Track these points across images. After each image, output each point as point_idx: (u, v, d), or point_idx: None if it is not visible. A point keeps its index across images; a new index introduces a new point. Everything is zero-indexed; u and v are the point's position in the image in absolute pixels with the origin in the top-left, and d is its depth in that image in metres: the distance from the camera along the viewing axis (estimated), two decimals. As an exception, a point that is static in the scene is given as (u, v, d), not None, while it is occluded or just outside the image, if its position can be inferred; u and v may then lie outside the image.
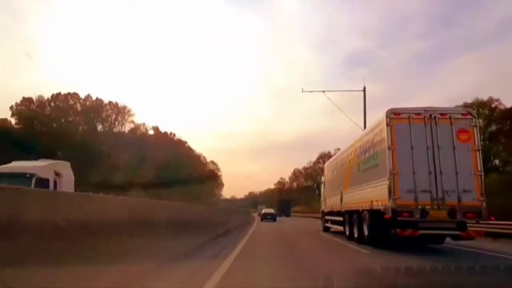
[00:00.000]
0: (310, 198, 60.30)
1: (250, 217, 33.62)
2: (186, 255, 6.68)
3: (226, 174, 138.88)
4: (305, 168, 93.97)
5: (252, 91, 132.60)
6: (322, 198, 18.93)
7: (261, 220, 33.83)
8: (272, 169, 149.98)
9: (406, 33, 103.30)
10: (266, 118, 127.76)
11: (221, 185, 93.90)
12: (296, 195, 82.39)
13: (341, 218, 13.68)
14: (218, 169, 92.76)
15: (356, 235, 11.32)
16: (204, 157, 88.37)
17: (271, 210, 38.76)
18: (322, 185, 18.95)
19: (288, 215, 56.35)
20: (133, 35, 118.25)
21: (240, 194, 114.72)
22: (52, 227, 2.89)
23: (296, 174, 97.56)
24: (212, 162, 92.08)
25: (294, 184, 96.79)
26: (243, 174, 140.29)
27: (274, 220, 33.93)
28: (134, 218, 4.68)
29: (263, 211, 38.20)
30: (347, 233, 12.47)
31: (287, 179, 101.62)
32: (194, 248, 7.88)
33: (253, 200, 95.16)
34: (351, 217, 11.90)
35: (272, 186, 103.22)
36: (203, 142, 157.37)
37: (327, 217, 16.92)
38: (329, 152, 79.86)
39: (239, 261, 6.65)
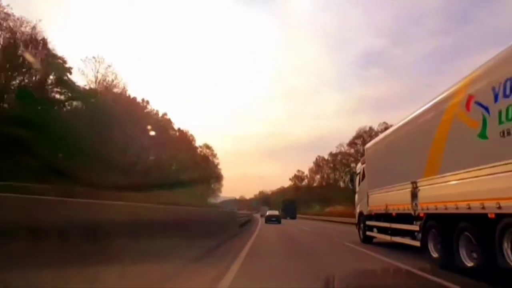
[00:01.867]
0: (342, 195, 47.69)
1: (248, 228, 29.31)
2: None
3: (237, 174, 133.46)
4: (333, 155, 70.39)
5: (264, 91, 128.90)
6: (357, 196, 13.44)
7: (266, 222, 32.28)
8: (284, 170, 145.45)
9: (422, 30, 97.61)
10: (278, 119, 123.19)
11: (220, 178, 71.48)
12: (319, 193, 65.40)
13: (412, 226, 8.22)
14: (215, 156, 70.69)
15: (468, 263, 5.84)
16: (191, 134, 64.49)
17: (276, 212, 37.32)
18: (358, 177, 13.47)
19: (293, 217, 50.93)
20: (144, 34, 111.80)
21: (250, 194, 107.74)
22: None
23: (319, 164, 74.84)
24: (206, 146, 69.42)
25: (317, 178, 76.37)
26: (255, 174, 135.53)
27: (279, 222, 32.37)
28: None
29: (267, 213, 36.89)
30: (437, 254, 7.01)
31: (306, 172, 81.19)
32: None
33: (263, 200, 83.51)
34: (452, 226, 6.41)
35: (287, 184, 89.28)
36: (214, 143, 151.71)
37: (370, 223, 11.42)
38: (371, 129, 60.00)
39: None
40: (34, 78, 31.57)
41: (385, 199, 9.99)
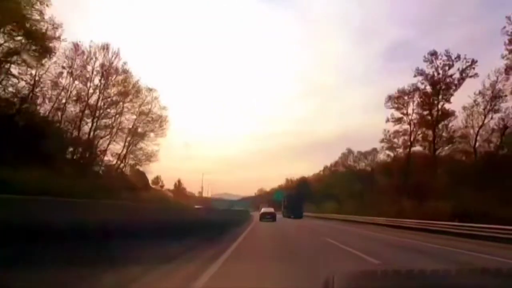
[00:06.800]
0: None
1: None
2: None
3: (259, 173, 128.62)
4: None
5: (289, 89, 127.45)
6: None
7: (260, 220, 32.65)
8: (310, 168, 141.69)
9: (452, 18, 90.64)
10: (303, 116, 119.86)
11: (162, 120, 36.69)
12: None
13: None
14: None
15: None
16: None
17: (271, 210, 37.12)
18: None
19: (299, 216, 43.95)
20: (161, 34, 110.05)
21: (274, 185, 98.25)
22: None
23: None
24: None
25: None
26: (279, 172, 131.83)
27: (274, 219, 32.95)
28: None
29: (262, 211, 36.74)
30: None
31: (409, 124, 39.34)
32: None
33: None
34: None
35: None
36: (237, 144, 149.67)
37: None
38: None
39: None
40: None
41: None
